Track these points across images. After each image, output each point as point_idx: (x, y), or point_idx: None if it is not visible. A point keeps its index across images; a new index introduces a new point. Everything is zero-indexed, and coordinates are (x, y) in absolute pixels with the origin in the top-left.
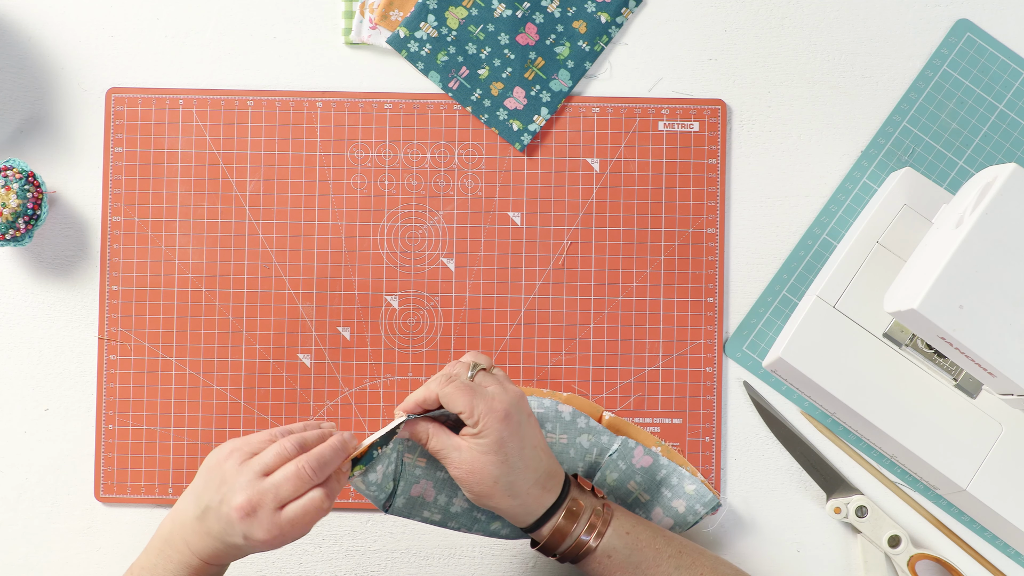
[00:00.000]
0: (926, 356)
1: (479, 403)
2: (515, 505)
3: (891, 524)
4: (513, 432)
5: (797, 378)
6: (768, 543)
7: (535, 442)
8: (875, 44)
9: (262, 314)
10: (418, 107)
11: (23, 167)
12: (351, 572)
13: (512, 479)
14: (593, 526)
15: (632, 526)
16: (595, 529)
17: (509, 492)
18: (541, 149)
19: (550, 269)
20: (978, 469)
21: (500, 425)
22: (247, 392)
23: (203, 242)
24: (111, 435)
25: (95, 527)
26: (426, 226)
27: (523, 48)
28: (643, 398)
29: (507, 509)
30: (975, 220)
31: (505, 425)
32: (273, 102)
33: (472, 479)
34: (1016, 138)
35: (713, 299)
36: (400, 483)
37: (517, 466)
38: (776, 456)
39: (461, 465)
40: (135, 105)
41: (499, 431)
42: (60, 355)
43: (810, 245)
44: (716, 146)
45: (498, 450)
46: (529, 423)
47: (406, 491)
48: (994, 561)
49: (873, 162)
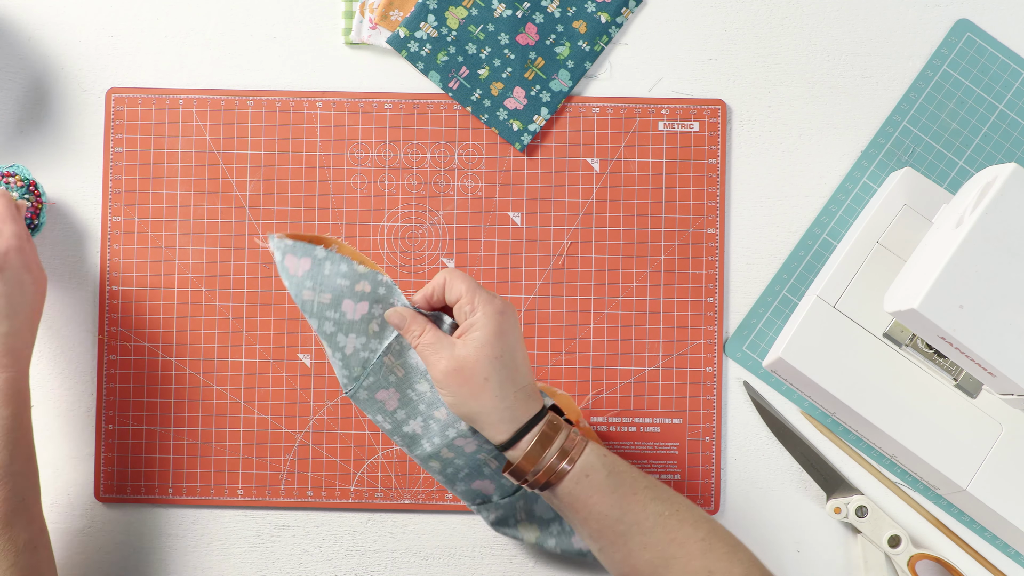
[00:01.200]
0: (926, 356)
1: (479, 292)
2: (502, 408)
3: (891, 524)
4: (508, 329)
5: (797, 378)
6: (768, 543)
7: (524, 351)
8: (875, 44)
9: (262, 314)
10: (418, 107)
11: (26, 175)
12: (351, 572)
13: (502, 378)
14: (571, 445)
15: (607, 452)
16: (574, 447)
17: (499, 392)
18: (541, 149)
19: (550, 269)
20: (978, 469)
21: (498, 318)
22: (247, 392)
23: (203, 242)
24: (111, 435)
25: (95, 527)
26: (426, 226)
27: (523, 48)
28: (643, 398)
29: (491, 412)
30: (975, 220)
31: (502, 320)
32: (273, 102)
33: (462, 376)
34: (1016, 138)
35: (713, 299)
36: (370, 377)
37: (508, 365)
38: (776, 456)
39: (453, 360)
40: (135, 105)
41: (496, 323)
42: (60, 355)
43: (810, 245)
44: (716, 146)
45: (494, 343)
46: (519, 331)
47: (373, 389)
48: (994, 561)
49: (873, 162)
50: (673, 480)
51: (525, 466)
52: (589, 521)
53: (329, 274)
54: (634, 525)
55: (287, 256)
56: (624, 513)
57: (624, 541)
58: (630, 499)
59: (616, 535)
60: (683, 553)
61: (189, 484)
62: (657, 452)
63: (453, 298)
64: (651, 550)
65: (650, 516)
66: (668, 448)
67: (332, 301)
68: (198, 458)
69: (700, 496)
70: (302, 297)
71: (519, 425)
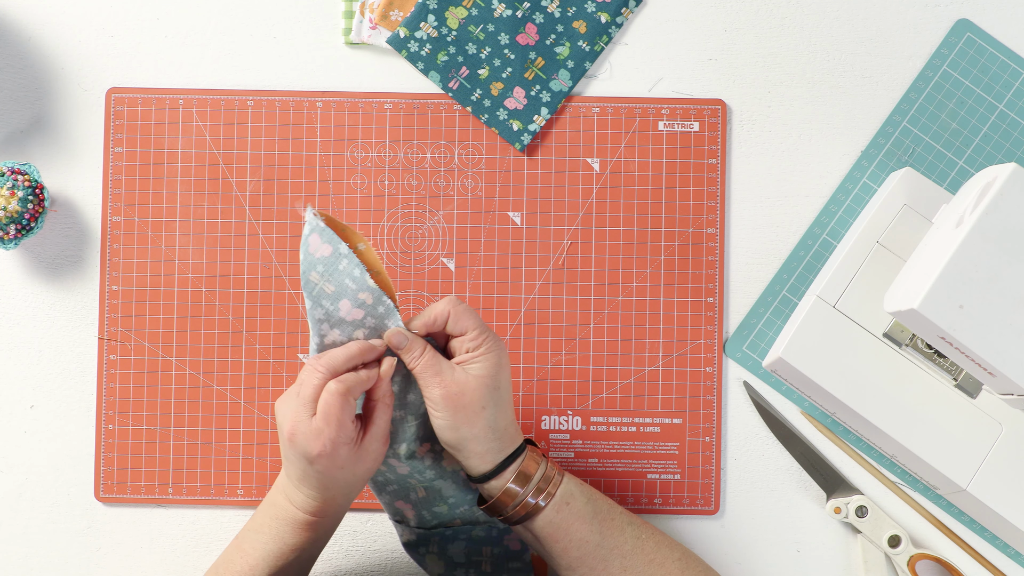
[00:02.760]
0: (926, 356)
1: (487, 329)
2: (492, 438)
3: (891, 524)
4: (505, 365)
5: (797, 378)
6: (768, 543)
7: (511, 390)
8: (875, 44)
9: (262, 314)
10: (418, 107)
11: (36, 177)
12: (351, 572)
13: (497, 410)
14: (550, 475)
15: (582, 482)
16: (552, 478)
17: (491, 423)
18: (541, 149)
19: (550, 269)
20: (978, 469)
21: (500, 354)
22: (247, 392)
23: (203, 242)
24: (111, 435)
25: (95, 527)
26: (426, 226)
27: (523, 48)
28: (643, 398)
29: (481, 440)
30: (975, 220)
31: (502, 356)
32: (273, 102)
33: (460, 401)
34: (1016, 138)
35: (713, 299)
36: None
37: (504, 399)
38: (776, 456)
39: (453, 384)
40: (135, 105)
41: (499, 355)
42: (60, 355)
43: (810, 245)
44: (716, 146)
45: (494, 375)
46: (509, 370)
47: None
48: (994, 561)
49: (873, 162)
50: (673, 480)
51: (505, 500)
52: (569, 549)
53: (341, 270)
54: (614, 549)
55: (313, 234)
56: (604, 538)
57: (605, 566)
58: (608, 524)
59: (596, 560)
60: (663, 573)
61: (189, 484)
62: (657, 452)
63: (459, 330)
64: (632, 572)
65: (628, 540)
66: (668, 448)
67: (333, 294)
68: (198, 458)
69: (700, 496)
70: (309, 276)
71: (504, 456)
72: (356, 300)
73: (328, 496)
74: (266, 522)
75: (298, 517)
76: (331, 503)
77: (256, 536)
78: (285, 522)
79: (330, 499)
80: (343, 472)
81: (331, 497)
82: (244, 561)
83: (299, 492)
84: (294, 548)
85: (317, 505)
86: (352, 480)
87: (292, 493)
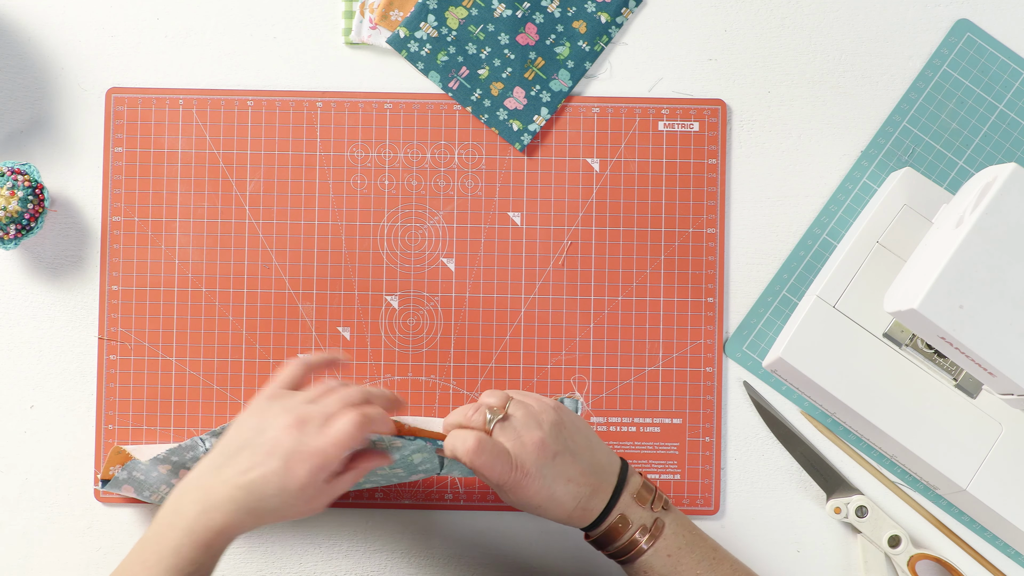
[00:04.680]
0: (926, 356)
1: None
2: (562, 520)
3: (891, 524)
4: (539, 486)
5: (797, 378)
6: (768, 543)
7: (568, 476)
8: (875, 44)
9: (262, 314)
10: (418, 107)
11: (36, 177)
12: (351, 572)
13: (551, 515)
14: (639, 539)
15: (677, 548)
16: (641, 540)
17: (554, 513)
18: (541, 149)
19: (550, 269)
20: (978, 469)
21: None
22: (247, 392)
23: (203, 242)
24: (111, 435)
25: (95, 527)
26: (426, 226)
27: (523, 48)
28: (643, 398)
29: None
30: (975, 220)
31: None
32: (273, 102)
33: (518, 504)
34: (1016, 138)
35: (713, 299)
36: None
37: (550, 508)
38: (776, 456)
39: (507, 497)
40: (135, 105)
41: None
42: (60, 355)
43: (810, 245)
44: (716, 146)
45: (530, 506)
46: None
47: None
48: (994, 561)
49: (873, 162)
50: (673, 480)
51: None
52: None
53: (405, 454)
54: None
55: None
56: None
57: None
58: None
59: None
60: None
61: None
62: (657, 452)
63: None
64: None
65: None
66: (668, 448)
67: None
68: None
69: (700, 496)
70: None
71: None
72: (420, 452)
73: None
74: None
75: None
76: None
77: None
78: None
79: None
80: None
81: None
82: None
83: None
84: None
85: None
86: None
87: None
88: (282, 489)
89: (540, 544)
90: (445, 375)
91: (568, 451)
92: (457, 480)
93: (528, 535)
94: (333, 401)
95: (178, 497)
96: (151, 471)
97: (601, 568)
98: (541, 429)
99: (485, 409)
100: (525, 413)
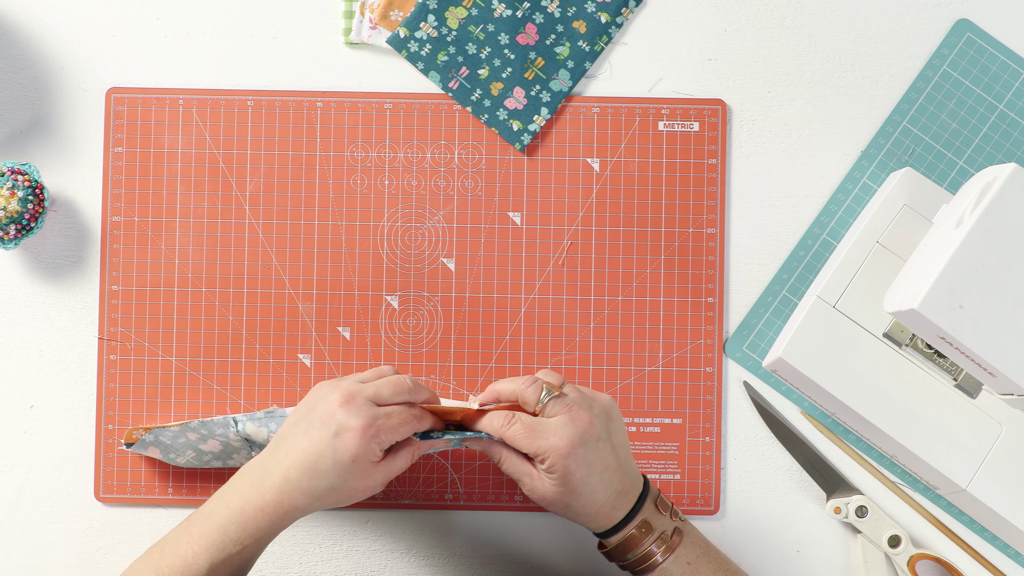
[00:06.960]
0: (926, 356)
1: (542, 443)
2: (586, 522)
3: (891, 524)
4: (579, 463)
5: (797, 378)
6: (768, 543)
7: (606, 463)
8: (875, 44)
9: (262, 314)
10: (418, 107)
11: (36, 177)
12: (351, 572)
13: (581, 504)
14: (655, 550)
15: (696, 557)
16: (658, 552)
17: (579, 514)
18: (541, 149)
19: (550, 269)
20: (978, 469)
21: (564, 461)
22: (247, 392)
23: (203, 242)
24: (111, 435)
25: (95, 527)
26: (426, 226)
27: (523, 48)
28: (643, 398)
29: (579, 523)
30: (975, 220)
31: (570, 459)
32: (273, 102)
33: (543, 503)
34: (1016, 138)
35: (713, 299)
36: None
37: (584, 492)
38: (776, 456)
39: (533, 492)
40: (135, 105)
41: (564, 466)
42: (60, 355)
43: (810, 245)
44: (716, 146)
45: (565, 483)
46: (599, 447)
47: None
48: (994, 561)
49: (873, 162)
50: (673, 480)
51: (617, 554)
52: None
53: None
54: None
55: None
56: None
57: None
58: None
59: None
60: None
61: (189, 484)
62: (657, 452)
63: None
64: None
65: None
66: (668, 448)
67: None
68: None
69: (700, 496)
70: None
71: (605, 529)
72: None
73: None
74: (217, 508)
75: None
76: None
77: (206, 521)
78: (236, 512)
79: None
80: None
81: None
82: (189, 545)
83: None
84: (236, 543)
85: (299, 489)
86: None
87: (272, 473)
88: (335, 462)
89: (541, 543)
90: (445, 375)
91: (610, 442)
92: (457, 480)
93: (529, 535)
94: (384, 383)
95: (237, 477)
96: (179, 437)
97: (602, 568)
98: (591, 411)
99: (543, 383)
100: (580, 395)
